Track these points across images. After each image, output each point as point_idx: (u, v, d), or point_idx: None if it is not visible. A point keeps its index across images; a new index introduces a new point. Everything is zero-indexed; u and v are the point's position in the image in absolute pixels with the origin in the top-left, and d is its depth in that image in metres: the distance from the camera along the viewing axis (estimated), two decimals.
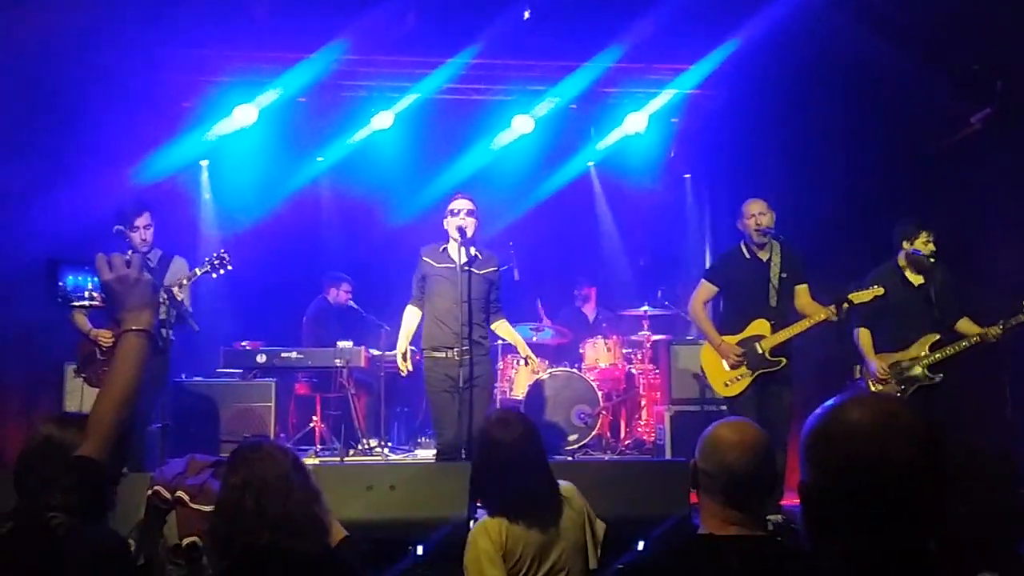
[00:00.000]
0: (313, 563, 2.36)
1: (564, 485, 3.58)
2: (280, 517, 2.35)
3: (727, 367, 6.17)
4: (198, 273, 6.37)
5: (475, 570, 3.30)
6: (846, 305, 5.84)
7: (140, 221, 6.34)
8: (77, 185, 7.43)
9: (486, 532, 3.35)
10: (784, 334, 6.07)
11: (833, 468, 1.56)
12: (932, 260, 6.26)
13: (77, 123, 7.36)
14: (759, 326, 6.15)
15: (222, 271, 6.45)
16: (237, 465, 2.51)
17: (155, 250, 6.50)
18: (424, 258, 6.21)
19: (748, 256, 6.30)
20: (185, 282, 6.32)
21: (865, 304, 6.01)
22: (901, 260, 6.39)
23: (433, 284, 6.15)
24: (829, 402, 1.64)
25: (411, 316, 6.32)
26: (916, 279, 6.36)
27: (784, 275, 6.20)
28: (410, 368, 6.32)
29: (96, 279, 2.11)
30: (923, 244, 6.28)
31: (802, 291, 6.28)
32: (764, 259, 6.25)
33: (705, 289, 6.42)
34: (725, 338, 6.21)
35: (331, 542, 2.86)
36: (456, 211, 6.10)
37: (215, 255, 6.44)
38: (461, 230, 6.01)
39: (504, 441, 3.41)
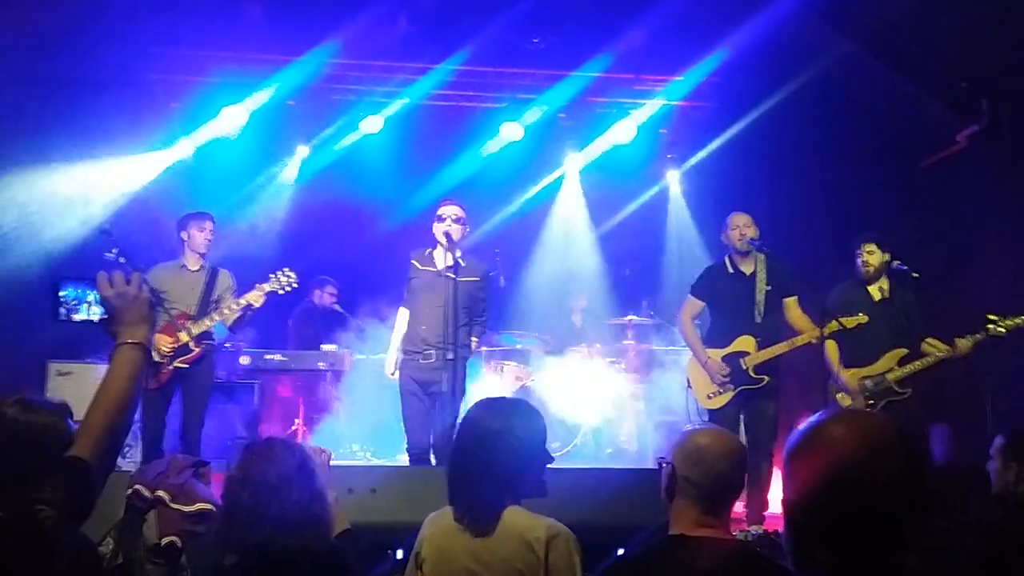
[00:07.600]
0: (312, 560, 2.41)
1: (547, 523, 2.71)
2: (277, 516, 2.42)
3: (712, 382, 6.17)
4: (265, 290, 6.38)
5: None
6: (836, 327, 5.80)
7: (207, 224, 6.48)
8: None
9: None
10: (768, 353, 6.06)
11: (816, 484, 1.58)
12: (869, 271, 6.20)
13: (65, 119, 7.32)
14: (744, 342, 6.13)
15: (289, 289, 6.50)
16: (241, 462, 2.59)
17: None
18: (412, 261, 6.22)
19: (732, 270, 6.27)
20: (256, 303, 6.35)
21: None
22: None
23: (415, 287, 6.18)
24: (812, 419, 1.66)
25: (401, 318, 6.30)
26: (876, 294, 6.27)
27: (769, 288, 6.17)
28: (396, 371, 6.25)
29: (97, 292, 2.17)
30: (863, 258, 6.22)
31: (791, 303, 6.24)
32: (748, 272, 6.22)
33: (691, 304, 6.40)
34: (710, 352, 6.18)
35: (333, 534, 2.82)
36: (443, 216, 6.10)
37: (280, 274, 6.43)
38: (447, 235, 6.03)
39: (488, 427, 2.77)
